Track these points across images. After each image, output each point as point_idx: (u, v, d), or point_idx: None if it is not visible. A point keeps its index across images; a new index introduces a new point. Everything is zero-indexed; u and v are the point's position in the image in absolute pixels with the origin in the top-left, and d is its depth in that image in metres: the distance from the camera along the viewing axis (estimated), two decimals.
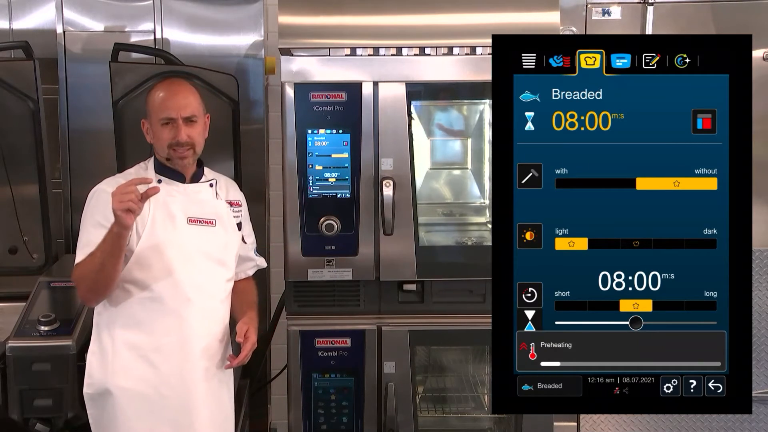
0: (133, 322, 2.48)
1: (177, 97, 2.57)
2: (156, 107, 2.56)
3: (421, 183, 3.25)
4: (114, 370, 2.48)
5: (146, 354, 2.48)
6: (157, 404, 2.48)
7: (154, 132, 2.58)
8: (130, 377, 2.47)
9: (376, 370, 3.03)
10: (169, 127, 2.54)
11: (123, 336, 2.49)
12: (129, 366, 2.48)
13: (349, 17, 2.96)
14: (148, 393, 2.47)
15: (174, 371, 2.50)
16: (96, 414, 2.52)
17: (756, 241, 2.36)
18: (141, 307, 2.48)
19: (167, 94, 2.57)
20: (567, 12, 3.43)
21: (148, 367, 2.48)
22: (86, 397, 2.51)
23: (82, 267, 2.43)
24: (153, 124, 2.58)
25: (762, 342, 3.55)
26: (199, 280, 2.55)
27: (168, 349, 2.49)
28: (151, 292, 2.48)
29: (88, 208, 2.52)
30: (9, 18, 3.56)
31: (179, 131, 2.54)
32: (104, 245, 2.36)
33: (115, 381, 2.47)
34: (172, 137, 2.54)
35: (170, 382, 2.49)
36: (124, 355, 2.48)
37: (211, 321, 2.58)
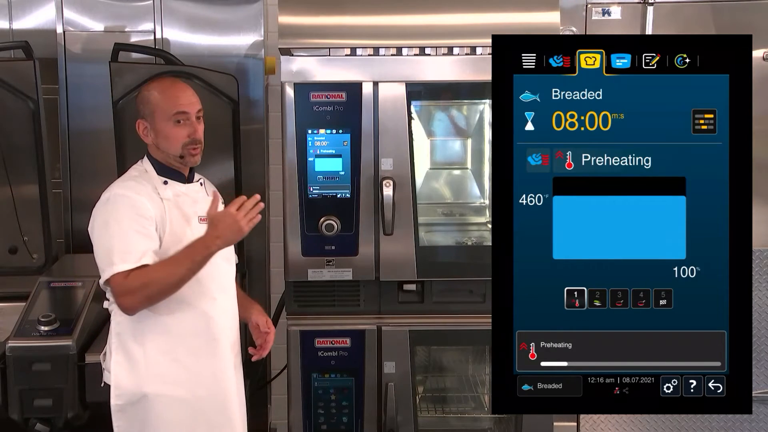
0: (161, 327, 2.44)
1: (187, 93, 2.50)
2: (165, 104, 2.45)
3: (421, 183, 3.25)
4: (148, 378, 2.44)
5: (179, 357, 2.46)
6: (194, 406, 2.48)
7: (162, 131, 2.46)
8: (166, 383, 2.45)
9: (376, 370, 3.03)
10: (183, 124, 2.46)
11: (154, 342, 2.44)
12: (163, 372, 2.45)
13: (349, 17, 2.96)
14: (185, 396, 2.46)
15: (207, 371, 2.50)
16: (125, 425, 2.46)
17: (756, 241, 2.36)
18: (168, 312, 2.44)
19: (175, 91, 2.48)
20: (567, 12, 3.43)
21: (183, 370, 2.46)
22: (115, 408, 2.45)
23: (151, 275, 2.33)
24: (160, 122, 2.46)
25: (762, 342, 3.55)
26: (219, 279, 2.55)
27: (199, 350, 2.48)
28: (178, 296, 2.42)
29: (111, 213, 2.40)
30: (9, 18, 3.57)
31: (196, 127, 2.48)
32: (193, 260, 2.32)
33: (151, 388, 2.44)
34: (188, 134, 2.46)
35: (204, 382, 2.49)
36: (158, 361, 2.45)
37: (231, 317, 2.60)
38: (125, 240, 2.36)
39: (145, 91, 2.52)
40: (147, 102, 2.48)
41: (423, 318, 3.06)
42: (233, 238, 2.40)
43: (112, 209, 2.40)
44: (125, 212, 2.38)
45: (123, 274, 2.34)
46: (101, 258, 2.40)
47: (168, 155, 2.50)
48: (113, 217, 2.39)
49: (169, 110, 2.45)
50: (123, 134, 3.22)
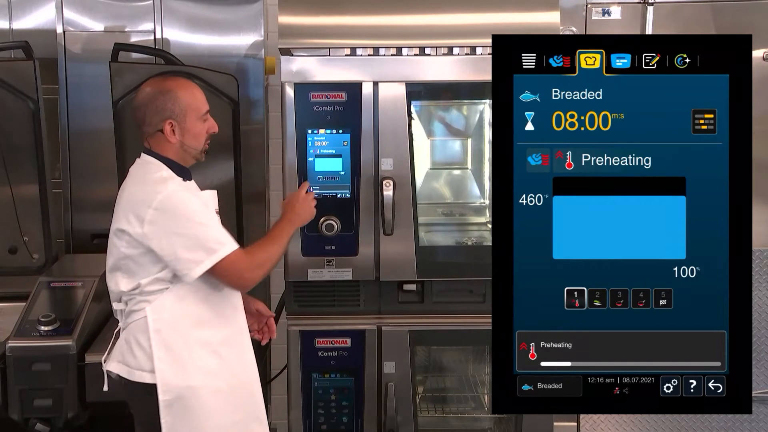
0: (197, 319, 2.49)
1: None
2: (197, 104, 2.53)
3: (421, 183, 3.25)
4: (192, 370, 2.47)
5: (216, 349, 2.51)
6: (230, 395, 2.52)
7: (192, 129, 2.52)
8: (207, 374, 2.49)
9: (376, 370, 3.03)
10: (207, 121, 2.56)
11: (194, 335, 2.48)
12: (205, 363, 2.49)
13: (349, 17, 2.96)
14: (222, 386, 2.50)
15: (237, 360, 2.56)
16: (172, 420, 2.46)
17: (756, 241, 2.36)
18: (205, 304, 2.50)
19: (199, 90, 2.57)
20: (567, 12, 3.43)
21: (219, 361, 2.51)
22: (163, 404, 2.44)
23: (267, 251, 2.54)
24: (191, 121, 2.51)
25: (762, 342, 3.55)
26: None
27: (230, 340, 2.55)
28: (212, 287, 2.50)
29: (185, 211, 2.40)
30: (9, 18, 3.57)
31: (214, 123, 2.58)
32: (288, 238, 2.62)
33: (195, 381, 2.47)
34: (209, 129, 2.56)
35: (236, 371, 2.55)
36: (199, 353, 2.48)
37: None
38: (216, 230, 2.45)
39: (169, 92, 2.51)
40: (176, 102, 2.49)
41: (423, 318, 3.06)
42: (309, 217, 2.71)
43: (183, 207, 2.42)
44: (197, 208, 2.44)
45: (240, 253, 2.44)
46: (192, 250, 2.39)
47: (189, 153, 2.54)
48: (188, 214, 2.41)
49: (200, 109, 2.52)
50: (123, 134, 3.22)
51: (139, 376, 2.47)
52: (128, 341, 2.48)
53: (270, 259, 2.55)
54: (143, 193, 2.42)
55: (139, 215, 2.39)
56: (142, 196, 2.41)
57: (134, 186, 2.47)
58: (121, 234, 2.43)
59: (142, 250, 2.41)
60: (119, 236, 2.43)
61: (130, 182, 2.51)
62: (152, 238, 2.38)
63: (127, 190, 2.49)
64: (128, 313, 2.48)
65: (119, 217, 2.45)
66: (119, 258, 2.44)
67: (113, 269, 2.48)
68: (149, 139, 2.53)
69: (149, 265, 2.42)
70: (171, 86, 2.52)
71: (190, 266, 2.39)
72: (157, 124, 2.50)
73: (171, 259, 2.39)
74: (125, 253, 2.43)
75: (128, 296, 2.46)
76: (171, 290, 2.44)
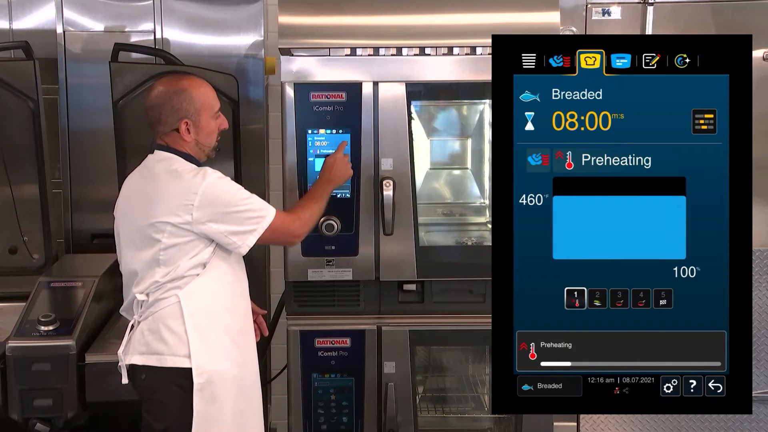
0: (224, 307, 2.57)
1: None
2: (212, 102, 2.61)
3: (421, 183, 3.25)
4: (218, 355, 2.53)
5: (235, 337, 2.59)
6: (241, 383, 2.59)
7: (206, 127, 2.60)
8: (229, 361, 2.56)
9: (376, 370, 3.03)
10: (218, 117, 2.64)
11: (221, 321, 2.56)
12: (227, 351, 2.56)
13: (349, 17, 2.96)
14: (236, 374, 2.57)
15: (247, 349, 2.65)
16: (202, 405, 2.50)
17: (756, 241, 2.37)
18: (228, 292, 2.59)
19: (210, 88, 2.64)
20: (567, 12, 3.43)
21: (236, 349, 2.59)
22: (197, 387, 2.47)
23: (309, 209, 2.70)
24: (205, 119, 2.59)
25: (762, 342, 3.55)
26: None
27: (245, 329, 2.65)
28: (234, 276, 2.61)
29: (229, 190, 2.53)
30: (9, 18, 3.56)
31: (224, 119, 2.67)
32: (327, 197, 2.77)
33: (222, 366, 2.53)
34: (220, 126, 2.65)
35: (245, 360, 2.62)
36: (224, 339, 2.56)
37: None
38: (257, 199, 2.58)
39: (184, 91, 2.55)
40: (191, 101, 2.56)
41: (423, 318, 3.06)
42: (346, 178, 2.84)
43: (224, 187, 2.54)
44: (233, 185, 2.57)
45: (283, 215, 2.63)
46: (244, 223, 2.53)
47: (203, 150, 2.63)
48: (231, 192, 2.54)
49: (213, 107, 2.61)
50: (123, 134, 3.22)
51: (173, 362, 2.50)
52: (154, 330, 2.51)
53: (312, 216, 2.72)
54: (183, 184, 2.49)
55: (185, 204, 2.46)
56: (184, 186, 2.48)
57: (166, 179, 2.51)
58: (162, 226, 2.47)
59: (188, 238, 2.49)
60: (160, 228, 2.48)
61: (154, 177, 2.54)
62: (204, 222, 2.47)
63: (156, 184, 2.51)
64: (152, 302, 2.52)
65: (155, 210, 2.48)
66: (160, 249, 2.49)
67: (151, 261, 2.50)
68: (164, 137, 2.56)
69: (192, 251, 2.50)
70: (185, 85, 2.57)
71: (246, 237, 2.53)
72: (173, 123, 2.55)
73: (224, 236, 2.50)
74: (168, 243, 2.48)
75: (157, 286, 2.50)
76: (201, 276, 2.52)
